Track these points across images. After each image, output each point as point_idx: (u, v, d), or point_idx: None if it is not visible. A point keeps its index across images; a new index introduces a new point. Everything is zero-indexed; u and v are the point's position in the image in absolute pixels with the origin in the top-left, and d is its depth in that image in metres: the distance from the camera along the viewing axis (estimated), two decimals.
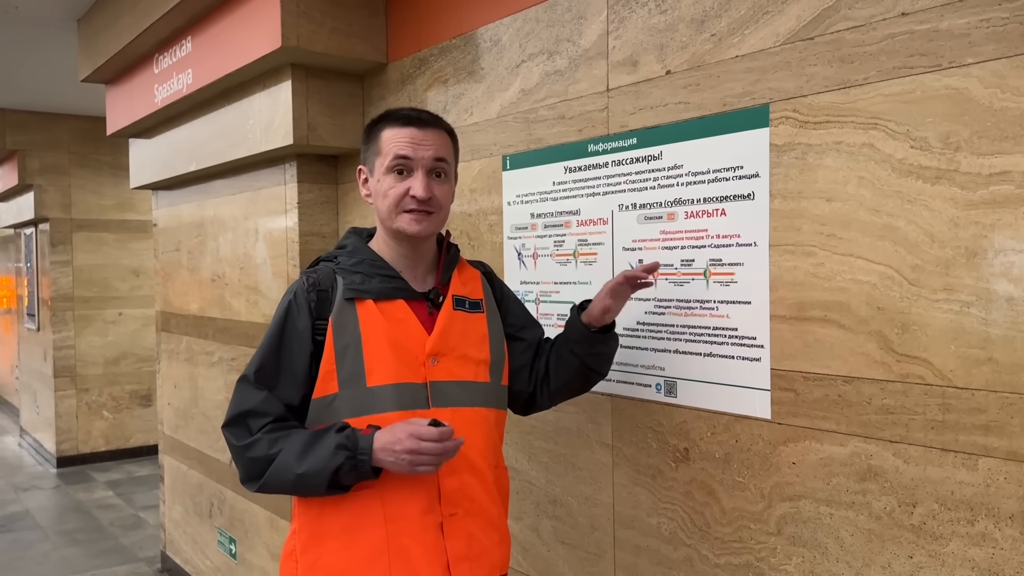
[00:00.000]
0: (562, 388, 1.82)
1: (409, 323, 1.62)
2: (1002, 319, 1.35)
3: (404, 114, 1.64)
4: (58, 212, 7.05)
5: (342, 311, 1.59)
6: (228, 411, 1.59)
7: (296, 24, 2.73)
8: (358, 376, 1.57)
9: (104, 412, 7.25)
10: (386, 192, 1.61)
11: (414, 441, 1.45)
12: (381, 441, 1.48)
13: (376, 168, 1.64)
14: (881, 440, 1.52)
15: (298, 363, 1.58)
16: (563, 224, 2.20)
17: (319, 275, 1.63)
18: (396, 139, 1.61)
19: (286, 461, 1.50)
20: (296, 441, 1.51)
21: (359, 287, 1.61)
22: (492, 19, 2.43)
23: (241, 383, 1.59)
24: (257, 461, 1.53)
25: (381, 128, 1.65)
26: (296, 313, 1.59)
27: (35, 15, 4.40)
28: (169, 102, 3.61)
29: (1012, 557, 1.35)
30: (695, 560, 1.88)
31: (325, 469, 1.47)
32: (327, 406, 1.58)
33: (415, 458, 1.46)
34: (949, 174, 1.41)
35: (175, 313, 4.35)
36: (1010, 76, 1.33)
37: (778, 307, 1.69)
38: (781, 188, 1.67)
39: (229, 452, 1.60)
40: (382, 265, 1.65)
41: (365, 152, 1.69)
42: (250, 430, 1.55)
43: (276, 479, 1.52)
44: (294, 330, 1.59)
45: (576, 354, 1.76)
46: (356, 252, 1.67)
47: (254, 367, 1.59)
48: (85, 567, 4.70)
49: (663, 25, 1.90)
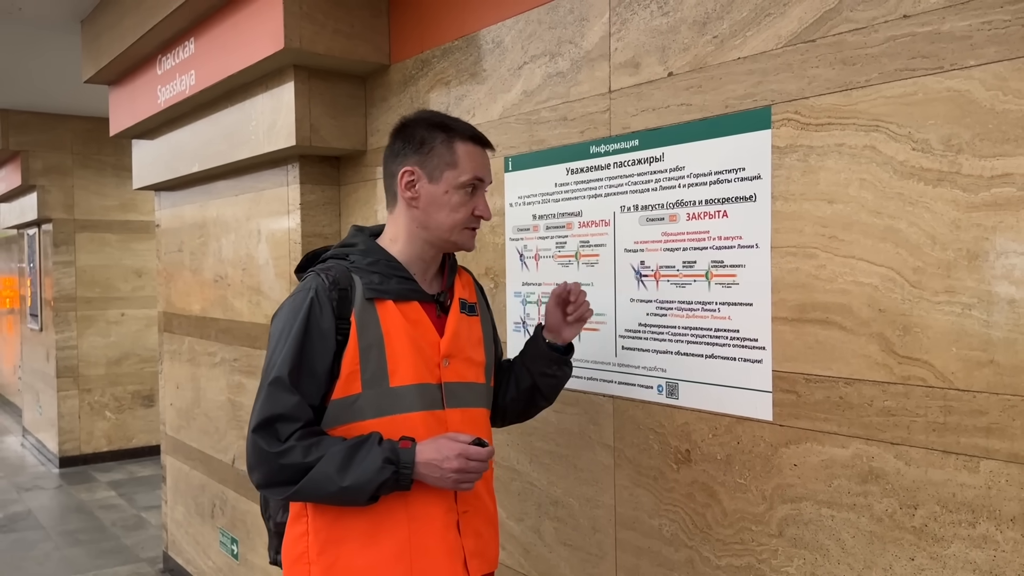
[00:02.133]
0: (508, 404, 1.89)
1: (424, 325, 1.64)
2: (1003, 321, 1.35)
3: (478, 135, 1.66)
4: (61, 213, 7.06)
5: (363, 311, 1.58)
6: (257, 414, 1.52)
7: (299, 25, 2.73)
8: (381, 376, 1.57)
9: (106, 412, 7.26)
10: (455, 207, 1.63)
11: (463, 461, 1.50)
12: (425, 456, 1.50)
13: (444, 179, 1.62)
14: (883, 442, 1.52)
15: (320, 363, 1.55)
16: (565, 225, 2.21)
17: (336, 273, 1.60)
18: (476, 159, 1.64)
19: (327, 472, 1.47)
20: (335, 452, 1.49)
21: (379, 287, 1.60)
22: (494, 21, 2.43)
23: (274, 386, 1.52)
24: (291, 468, 1.49)
25: (455, 141, 1.63)
26: (319, 311, 1.55)
27: (39, 16, 4.41)
28: (172, 103, 3.62)
29: (1013, 559, 1.35)
30: (696, 562, 1.88)
31: (371, 483, 1.47)
32: (349, 406, 1.56)
33: (461, 476, 1.51)
34: (951, 176, 1.41)
35: (177, 314, 4.35)
36: (1012, 78, 1.33)
37: (780, 309, 1.69)
38: (783, 190, 1.67)
39: (252, 455, 1.52)
40: (397, 267, 1.64)
41: (422, 155, 1.63)
42: (279, 436, 1.50)
43: (314, 488, 1.49)
44: (318, 329, 1.55)
45: (529, 371, 1.85)
46: (371, 252, 1.65)
47: (286, 369, 1.52)
48: (87, 567, 4.71)
49: (665, 27, 1.91)
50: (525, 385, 1.86)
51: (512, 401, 1.88)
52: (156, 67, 3.79)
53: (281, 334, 1.56)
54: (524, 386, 1.86)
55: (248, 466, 1.54)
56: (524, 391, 1.87)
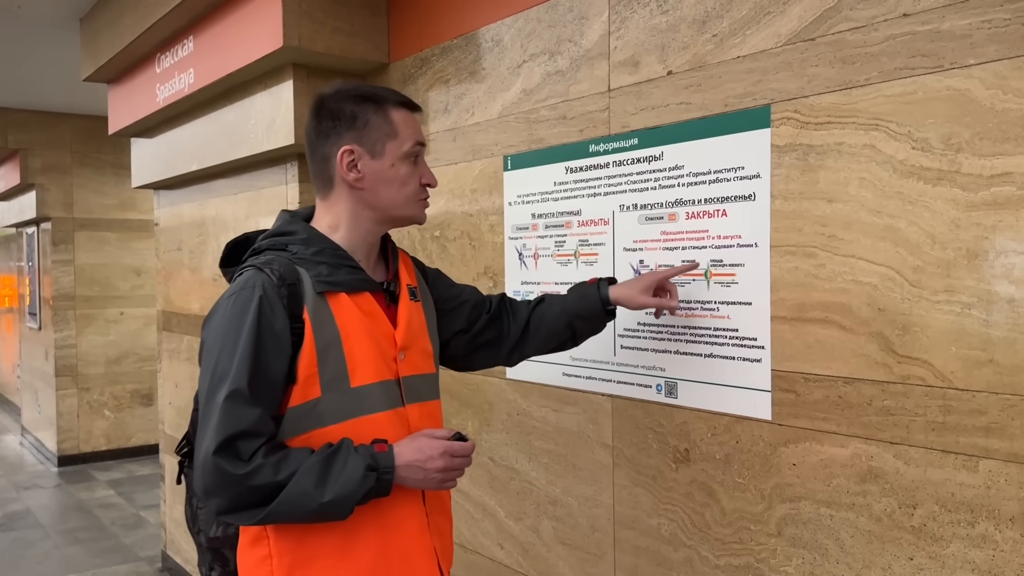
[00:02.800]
0: (534, 351, 1.83)
1: (378, 317, 1.52)
2: (1003, 320, 1.35)
3: (407, 99, 1.56)
4: (60, 211, 7.06)
5: (316, 307, 1.43)
6: (215, 433, 1.33)
7: (298, 24, 2.73)
8: (341, 377, 1.44)
9: (105, 411, 7.25)
10: (405, 179, 1.52)
11: (448, 459, 1.43)
12: (406, 458, 1.41)
13: (388, 152, 1.50)
14: (882, 441, 1.52)
15: (276, 369, 1.39)
16: (564, 224, 2.20)
17: (280, 267, 1.43)
18: (412, 123, 1.54)
19: (303, 488, 1.33)
20: (309, 465, 1.35)
21: (328, 279, 1.46)
22: (494, 19, 2.43)
23: (231, 400, 1.34)
24: (261, 490, 1.33)
25: (388, 109, 1.52)
26: (271, 311, 1.38)
27: (37, 14, 4.40)
28: (171, 101, 3.61)
29: (1012, 559, 1.35)
30: (695, 561, 1.87)
31: (355, 494, 1.35)
32: (308, 412, 1.42)
33: (446, 475, 1.44)
34: (950, 175, 1.41)
35: (176, 312, 4.35)
36: (1012, 77, 1.33)
37: (779, 308, 1.69)
38: (782, 189, 1.67)
39: (212, 479, 1.33)
40: (344, 255, 1.50)
41: (358, 131, 1.50)
42: (241, 454, 1.33)
43: (289, 508, 1.34)
44: (271, 331, 1.38)
45: (573, 327, 1.79)
46: (313, 240, 1.50)
47: (243, 379, 1.34)
48: (86, 566, 4.70)
49: (664, 25, 1.90)
50: (564, 336, 1.80)
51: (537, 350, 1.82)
52: (155, 65, 3.78)
53: (226, 339, 1.38)
54: (563, 337, 1.80)
55: (205, 491, 1.35)
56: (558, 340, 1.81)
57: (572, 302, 1.80)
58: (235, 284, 1.45)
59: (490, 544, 2.50)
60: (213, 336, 1.41)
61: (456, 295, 1.80)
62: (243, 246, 1.60)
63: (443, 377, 2.65)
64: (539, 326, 1.81)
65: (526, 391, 2.36)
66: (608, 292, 1.78)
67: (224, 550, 1.58)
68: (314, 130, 1.54)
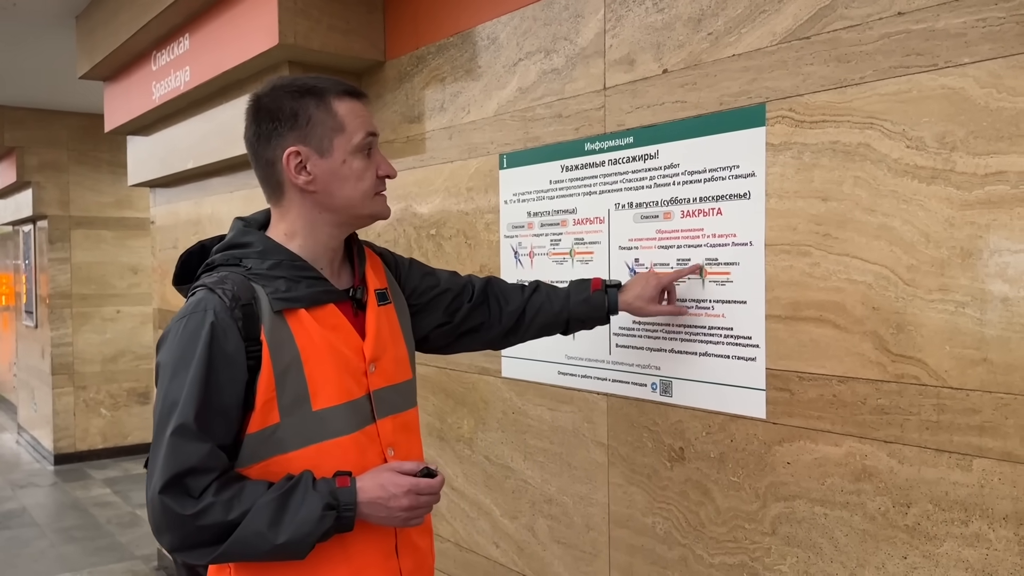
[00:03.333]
0: (525, 340, 1.82)
1: (344, 330, 1.43)
2: (997, 319, 1.35)
3: (350, 87, 1.44)
4: (56, 209, 7.05)
5: (274, 327, 1.33)
6: (161, 471, 1.25)
7: (294, 21, 2.72)
8: (302, 400, 1.35)
9: (102, 409, 7.25)
10: (360, 174, 1.42)
11: (413, 497, 1.34)
12: (368, 495, 1.32)
13: (336, 148, 1.40)
14: (876, 440, 1.52)
15: (230, 397, 1.30)
16: (560, 223, 2.20)
17: (234, 286, 1.33)
18: (359, 113, 1.43)
19: (256, 529, 1.26)
20: (263, 504, 1.27)
21: (286, 295, 1.36)
22: (489, 17, 2.42)
23: (177, 435, 1.25)
24: (210, 529, 1.26)
25: (329, 100, 1.41)
26: (223, 336, 1.29)
27: (33, 11, 4.39)
28: (167, 99, 3.61)
29: (1006, 558, 1.35)
30: (690, 560, 1.87)
31: (311, 536, 1.27)
32: (267, 439, 1.33)
33: (411, 513, 1.35)
34: (945, 174, 1.41)
35: (172, 311, 4.34)
36: (1006, 76, 1.33)
37: (773, 307, 1.68)
38: (777, 187, 1.67)
39: (159, 518, 1.26)
40: (303, 266, 1.41)
41: (301, 130, 1.39)
42: (190, 491, 1.25)
43: (241, 549, 1.26)
44: (223, 357, 1.29)
45: (570, 325, 1.79)
46: (269, 252, 1.40)
47: (191, 412, 1.26)
48: (82, 564, 4.70)
49: (660, 24, 1.90)
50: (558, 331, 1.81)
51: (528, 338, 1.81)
52: (151, 63, 3.77)
53: (176, 368, 1.29)
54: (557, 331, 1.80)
55: (156, 529, 1.28)
56: (548, 331, 1.80)
57: (576, 305, 1.77)
58: (187, 306, 1.35)
59: (485, 543, 2.50)
60: (164, 361, 1.32)
61: (433, 285, 1.71)
62: (198, 256, 1.49)
63: (437, 375, 2.66)
64: (535, 318, 1.77)
65: (521, 389, 2.35)
66: (617, 300, 1.77)
67: (199, 568, 1.50)
68: (254, 134, 1.44)
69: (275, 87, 1.43)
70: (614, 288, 1.78)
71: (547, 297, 1.79)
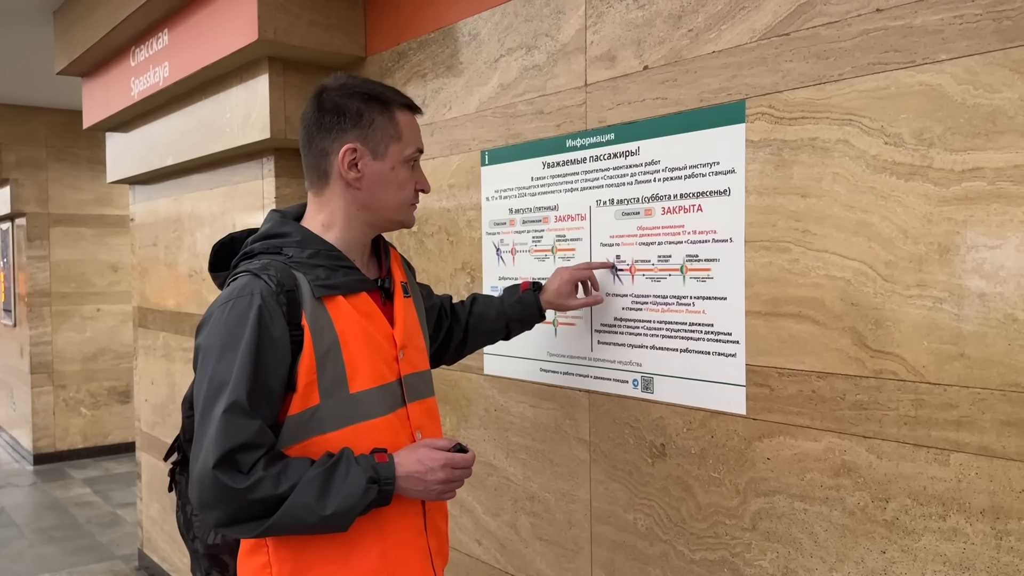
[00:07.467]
0: (471, 351, 1.99)
1: (376, 317, 1.51)
2: (974, 315, 1.36)
3: (412, 102, 1.54)
4: (35, 207, 6.96)
5: (315, 313, 1.41)
6: (215, 446, 1.30)
7: (273, 17, 2.70)
8: (340, 383, 1.42)
9: (82, 409, 7.17)
10: (402, 184, 1.52)
11: (449, 471, 1.43)
12: (406, 469, 1.40)
13: (390, 154, 1.49)
14: (855, 436, 1.52)
15: (276, 378, 1.36)
16: (541, 220, 2.20)
17: (277, 272, 1.40)
18: (415, 128, 1.54)
19: (304, 502, 1.31)
20: (310, 478, 1.33)
21: (326, 283, 1.44)
22: (471, 13, 2.41)
23: (231, 412, 1.31)
24: (261, 503, 1.31)
25: (393, 110, 1.50)
26: (270, 320, 1.35)
27: (10, 7, 4.33)
28: (146, 95, 3.57)
29: (982, 552, 1.36)
30: (671, 556, 1.88)
31: (356, 507, 1.34)
32: (307, 421, 1.40)
33: (447, 487, 1.45)
34: (922, 170, 1.41)
35: (152, 309, 4.30)
36: (983, 73, 1.33)
37: (753, 303, 1.69)
38: (757, 184, 1.67)
39: (211, 493, 1.31)
40: (340, 256, 1.48)
41: (363, 129, 1.47)
42: (240, 467, 1.31)
43: (290, 521, 1.32)
44: (270, 340, 1.35)
45: (510, 328, 1.95)
46: (308, 242, 1.47)
47: (243, 391, 1.31)
48: (61, 565, 4.65)
49: (640, 20, 1.90)
50: (500, 336, 1.98)
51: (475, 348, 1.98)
52: (130, 59, 3.73)
53: (224, 349, 1.35)
54: (499, 337, 1.98)
55: (203, 504, 1.32)
56: (492, 339, 1.98)
57: (511, 307, 1.93)
58: (230, 290, 1.40)
59: (468, 540, 2.50)
60: (208, 343, 1.37)
61: (427, 295, 1.87)
62: (228, 247, 1.57)
63: None
64: (478, 327, 1.94)
65: (503, 387, 2.35)
66: (540, 301, 1.94)
67: (223, 556, 1.56)
68: (315, 122, 1.50)
69: (345, 84, 1.51)
70: (538, 288, 1.96)
71: (485, 307, 1.95)
